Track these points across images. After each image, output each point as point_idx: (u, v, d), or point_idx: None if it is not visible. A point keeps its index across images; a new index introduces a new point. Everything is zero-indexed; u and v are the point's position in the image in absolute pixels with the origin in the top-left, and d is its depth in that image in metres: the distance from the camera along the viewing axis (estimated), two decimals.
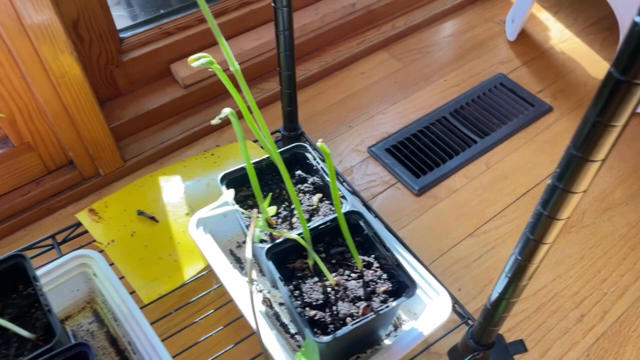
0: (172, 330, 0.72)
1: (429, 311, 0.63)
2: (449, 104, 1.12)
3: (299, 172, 0.68)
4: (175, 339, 0.68)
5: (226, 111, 0.52)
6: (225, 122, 1.08)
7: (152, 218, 0.76)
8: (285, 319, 0.66)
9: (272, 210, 0.55)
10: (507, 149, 1.04)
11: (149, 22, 1.05)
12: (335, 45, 1.22)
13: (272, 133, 0.92)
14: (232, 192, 0.54)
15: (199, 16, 1.07)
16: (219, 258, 0.67)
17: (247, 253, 0.55)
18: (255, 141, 0.90)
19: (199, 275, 0.73)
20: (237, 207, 0.53)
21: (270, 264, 0.56)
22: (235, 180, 0.65)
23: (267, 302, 0.68)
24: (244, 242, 0.75)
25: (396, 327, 0.66)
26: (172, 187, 0.81)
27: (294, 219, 0.64)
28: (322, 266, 0.56)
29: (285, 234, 0.55)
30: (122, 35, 1.00)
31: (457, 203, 0.95)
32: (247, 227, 0.60)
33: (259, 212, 0.64)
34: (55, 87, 0.81)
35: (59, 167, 0.94)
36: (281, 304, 0.68)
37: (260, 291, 0.69)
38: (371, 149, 1.03)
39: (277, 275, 0.55)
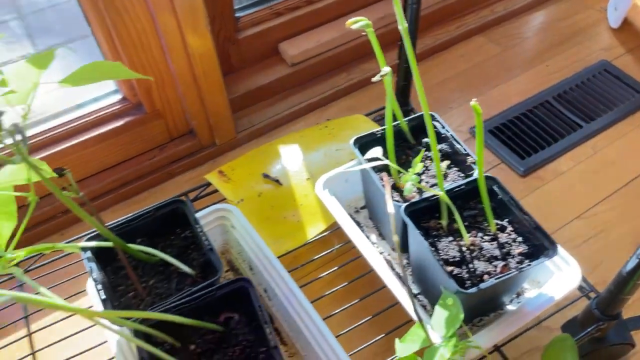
0: (298, 284, 0.76)
1: (556, 279, 0.64)
2: (551, 89, 1.11)
3: (425, 139, 0.71)
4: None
5: (387, 70, 0.56)
6: (329, 99, 1.12)
7: (277, 181, 0.81)
8: (408, 280, 0.69)
9: (420, 167, 0.58)
10: (614, 135, 1.03)
11: (261, 3, 1.10)
12: (434, 28, 1.23)
13: (381, 109, 0.95)
14: (379, 149, 0.57)
15: None
16: (345, 217, 0.71)
17: (389, 208, 0.58)
18: (368, 114, 0.93)
19: (320, 235, 0.77)
20: (387, 161, 0.56)
21: (408, 220, 0.59)
22: (366, 144, 0.69)
23: (388, 264, 0.71)
24: (362, 207, 0.79)
25: (518, 295, 0.67)
26: (291, 155, 0.86)
27: (422, 184, 0.67)
28: (461, 225, 0.59)
29: (432, 190, 0.58)
30: (237, 14, 1.07)
31: (563, 185, 0.95)
32: (383, 187, 0.63)
33: (389, 175, 0.67)
34: (190, 58, 0.87)
35: (181, 135, 1.01)
36: (403, 266, 0.71)
37: (381, 253, 0.72)
38: (473, 130, 1.04)
39: (416, 230, 0.58)
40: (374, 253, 0.68)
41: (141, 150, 0.98)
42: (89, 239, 0.61)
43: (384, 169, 0.68)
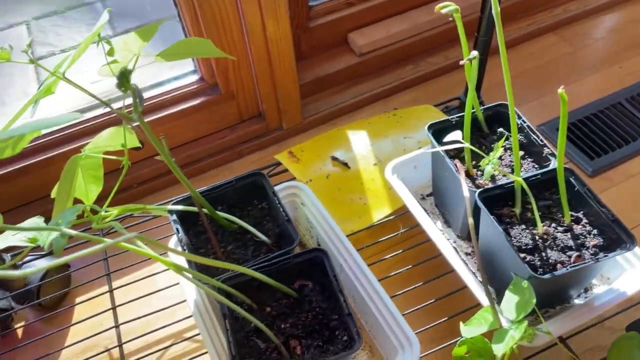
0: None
1: (627, 276, 0.63)
2: (624, 91, 1.08)
3: (500, 129, 0.71)
4: None
5: (475, 53, 0.57)
6: (394, 90, 1.13)
7: (345, 164, 0.84)
8: (472, 267, 0.70)
9: (500, 151, 0.58)
10: None
11: None
12: (505, 24, 1.22)
13: (450, 100, 0.95)
14: (459, 132, 0.59)
15: None
16: (413, 202, 0.73)
17: (465, 192, 0.59)
18: (436, 105, 0.94)
19: (386, 219, 0.79)
20: (467, 144, 0.57)
21: (482, 206, 0.60)
22: (440, 131, 0.70)
23: (455, 251, 0.72)
24: (428, 195, 0.80)
25: (586, 290, 0.67)
26: (359, 140, 0.88)
27: (496, 173, 0.68)
28: (536, 213, 0.59)
29: (511, 176, 0.59)
30: (311, 3, 1.09)
31: (634, 187, 0.93)
32: (457, 172, 0.64)
33: (463, 163, 0.68)
34: (267, 42, 0.91)
35: (250, 117, 1.05)
36: (467, 254, 0.72)
37: (447, 240, 0.73)
38: (541, 127, 1.03)
39: (489, 216, 0.59)
40: (442, 238, 0.69)
41: (213, 130, 1.03)
42: (175, 204, 0.65)
43: (456, 156, 0.69)
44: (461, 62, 0.58)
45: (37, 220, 0.65)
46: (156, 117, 0.95)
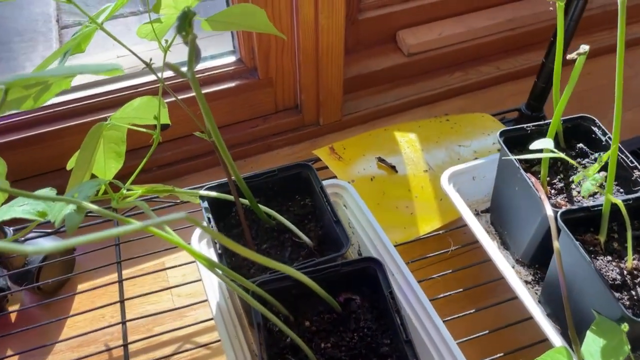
0: None
1: None
2: None
3: (580, 144, 0.63)
4: None
5: (586, 48, 0.49)
6: (440, 96, 1.05)
7: (393, 167, 0.75)
8: (534, 297, 0.62)
9: (596, 167, 0.50)
10: None
11: None
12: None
13: (508, 111, 0.87)
14: (549, 140, 0.50)
15: None
16: (472, 217, 0.64)
17: (547, 210, 0.51)
18: (499, 114, 0.86)
19: (434, 233, 0.70)
20: (561, 154, 0.49)
21: (565, 229, 0.52)
22: (513, 140, 0.62)
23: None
24: (482, 211, 0.71)
25: None
26: (409, 144, 0.80)
27: (574, 192, 0.59)
28: (629, 243, 0.51)
29: (613, 198, 0.50)
30: None
31: None
32: (534, 186, 0.56)
33: (538, 178, 0.60)
34: (318, 27, 0.83)
35: (286, 108, 0.97)
36: (527, 282, 0.63)
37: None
38: None
39: (574, 241, 0.51)
40: (504, 261, 0.61)
41: (245, 117, 0.95)
42: (208, 189, 0.57)
43: (527, 170, 0.61)
44: (569, 56, 0.50)
45: (48, 192, 0.56)
46: (185, 96, 0.87)
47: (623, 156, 0.59)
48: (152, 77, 0.87)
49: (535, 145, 0.51)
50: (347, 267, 0.50)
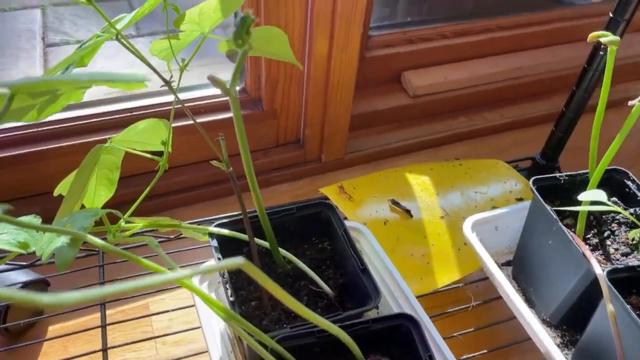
0: None
1: None
2: None
3: (613, 198, 0.60)
4: None
5: None
6: (444, 140, 1.03)
7: (408, 212, 0.71)
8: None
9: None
10: None
11: (395, 27, 1.04)
12: (566, 92, 1.14)
13: (520, 160, 0.85)
14: (601, 192, 0.46)
15: (442, 31, 1.04)
16: (497, 269, 0.60)
17: (597, 269, 0.46)
18: (512, 162, 0.83)
19: (453, 287, 0.65)
20: (617, 207, 0.45)
21: (614, 291, 0.47)
22: (544, 189, 0.58)
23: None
24: (503, 264, 0.67)
25: None
26: (422, 187, 0.75)
27: (611, 249, 0.56)
28: None
29: None
30: (370, 33, 1.00)
31: None
32: (574, 241, 0.52)
33: (573, 230, 0.56)
34: (331, 60, 0.79)
35: (287, 142, 0.92)
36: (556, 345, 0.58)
37: None
38: None
39: (625, 306, 0.46)
40: (535, 320, 0.56)
41: None
42: (218, 225, 0.50)
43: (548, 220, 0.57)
44: (630, 103, 0.46)
45: (33, 220, 0.49)
46: (183, 123, 0.81)
47: None
48: (149, 101, 0.81)
49: (583, 196, 0.47)
50: (378, 324, 0.44)
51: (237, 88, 0.86)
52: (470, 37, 1.06)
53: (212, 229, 0.49)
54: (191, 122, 0.83)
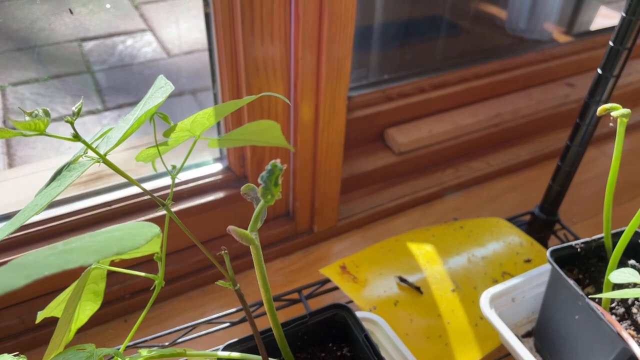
0: None
1: None
2: None
3: (632, 261, 0.57)
4: None
5: None
6: (435, 195, 1.01)
7: (418, 289, 0.67)
8: None
9: None
10: None
11: (373, 85, 1.02)
12: (546, 134, 1.15)
13: (520, 216, 0.82)
14: (634, 271, 0.44)
15: (420, 85, 1.04)
16: (522, 347, 0.56)
17: (636, 351, 0.43)
18: (512, 219, 0.80)
19: None
20: None
21: None
22: (562, 259, 0.56)
23: None
24: (524, 336, 0.63)
25: None
26: (427, 257, 0.72)
27: (639, 318, 0.53)
28: None
29: None
30: (349, 94, 0.98)
31: None
32: (605, 319, 0.49)
33: (598, 302, 0.53)
34: (318, 129, 0.76)
35: (277, 216, 0.88)
36: None
37: None
38: None
39: None
40: None
41: None
42: (227, 348, 0.45)
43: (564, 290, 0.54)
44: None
45: None
46: (163, 213, 0.76)
47: None
48: (128, 191, 0.76)
49: (616, 278, 0.45)
50: (315, 318, 0.40)
51: (221, 167, 0.82)
52: (448, 89, 1.06)
53: (221, 353, 0.44)
54: (180, 207, 0.78)
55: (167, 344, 0.64)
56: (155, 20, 1.64)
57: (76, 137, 0.31)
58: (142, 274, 0.47)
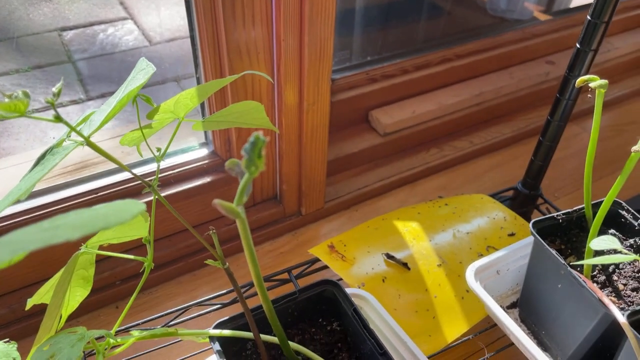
0: None
1: None
2: None
3: (612, 231, 0.59)
4: None
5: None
6: (419, 175, 1.02)
7: (405, 265, 0.68)
8: None
9: None
10: None
11: (357, 67, 1.03)
12: (527, 111, 1.16)
13: (502, 191, 0.84)
14: (613, 238, 0.45)
15: (403, 66, 1.04)
16: (507, 317, 0.58)
17: (619, 317, 0.45)
18: (495, 194, 0.82)
19: (464, 339, 0.63)
20: (635, 255, 0.44)
21: (637, 335, 0.46)
22: (544, 230, 0.57)
23: None
24: (509, 307, 0.65)
25: None
26: (413, 234, 0.73)
27: (620, 285, 0.55)
28: None
29: None
30: (333, 76, 0.98)
31: None
32: (586, 286, 0.50)
33: (579, 270, 0.55)
34: (303, 112, 0.77)
35: (264, 200, 0.88)
36: None
37: None
38: None
39: None
40: None
41: (219, 214, 0.85)
42: (218, 326, 0.46)
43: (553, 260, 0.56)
44: (634, 149, 0.46)
45: (9, 349, 0.44)
46: (151, 198, 0.76)
47: None
48: (113, 178, 0.75)
49: (597, 244, 0.46)
50: (304, 294, 0.41)
51: (207, 151, 0.82)
52: (431, 69, 1.06)
53: (213, 331, 0.45)
54: (167, 193, 0.78)
55: (159, 327, 0.64)
56: (135, 8, 1.62)
57: (58, 118, 0.32)
58: (131, 256, 0.47)
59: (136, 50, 1.48)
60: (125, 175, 0.76)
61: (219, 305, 0.66)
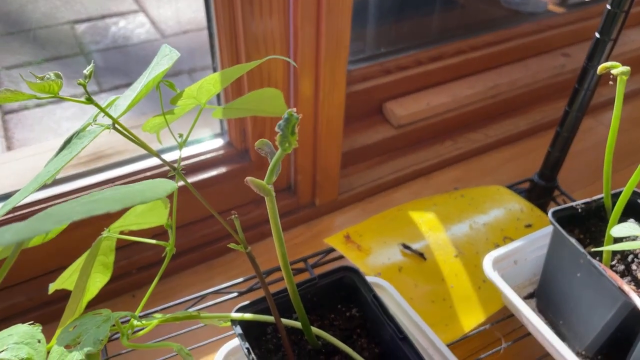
0: None
1: None
2: None
3: (631, 219, 0.59)
4: None
5: None
6: (434, 167, 1.01)
7: (421, 255, 0.68)
8: None
9: None
10: None
11: (371, 59, 1.02)
12: (542, 104, 1.16)
13: (519, 183, 0.84)
14: (635, 226, 0.45)
15: (418, 58, 1.04)
16: (526, 307, 0.57)
17: (637, 301, 0.45)
18: (511, 186, 0.81)
19: (481, 329, 0.63)
20: None
21: None
22: (562, 219, 0.57)
23: None
24: (527, 297, 0.65)
25: None
26: (429, 225, 0.73)
27: (639, 274, 0.54)
28: None
29: None
30: (348, 68, 0.98)
31: None
32: (606, 275, 0.50)
33: (598, 259, 0.54)
34: (318, 103, 0.77)
35: (279, 190, 0.89)
36: None
37: None
38: None
39: None
40: (570, 354, 0.54)
41: (235, 204, 0.85)
42: (240, 310, 0.46)
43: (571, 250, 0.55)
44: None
45: (33, 331, 0.44)
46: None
47: None
48: (132, 167, 0.76)
49: (618, 232, 0.46)
50: (323, 280, 0.42)
51: (222, 142, 0.83)
52: (445, 61, 1.06)
53: (235, 315, 0.45)
54: (182, 183, 0.78)
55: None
56: (146, 1, 1.63)
57: (89, 99, 0.32)
58: (154, 241, 0.48)
59: (148, 43, 1.48)
60: (139, 166, 0.76)
61: (235, 294, 0.66)
